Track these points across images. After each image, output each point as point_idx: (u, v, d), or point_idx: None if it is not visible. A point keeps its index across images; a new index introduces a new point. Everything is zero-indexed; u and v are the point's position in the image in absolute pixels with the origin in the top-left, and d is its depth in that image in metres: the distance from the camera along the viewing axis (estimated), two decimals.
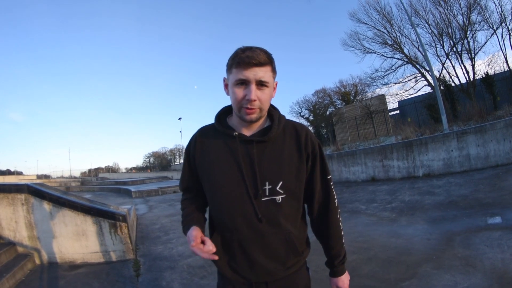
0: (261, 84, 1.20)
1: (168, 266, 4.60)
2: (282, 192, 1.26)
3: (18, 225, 4.76)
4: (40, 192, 4.86)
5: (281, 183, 1.25)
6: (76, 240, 4.85)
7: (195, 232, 1.22)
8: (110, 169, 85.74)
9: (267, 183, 1.25)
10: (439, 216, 5.54)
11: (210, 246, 1.17)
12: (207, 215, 1.43)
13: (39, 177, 57.49)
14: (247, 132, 1.33)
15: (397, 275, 3.49)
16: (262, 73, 1.19)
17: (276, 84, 1.35)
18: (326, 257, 1.45)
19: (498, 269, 3.25)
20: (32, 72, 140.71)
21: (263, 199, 1.24)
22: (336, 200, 1.41)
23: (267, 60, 1.20)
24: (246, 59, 1.16)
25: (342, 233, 1.42)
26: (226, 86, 1.33)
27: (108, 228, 4.91)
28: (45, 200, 4.84)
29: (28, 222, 4.77)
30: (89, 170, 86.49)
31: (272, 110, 1.39)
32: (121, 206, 7.88)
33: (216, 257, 1.22)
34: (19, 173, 71.18)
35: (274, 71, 1.28)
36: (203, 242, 1.19)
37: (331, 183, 1.41)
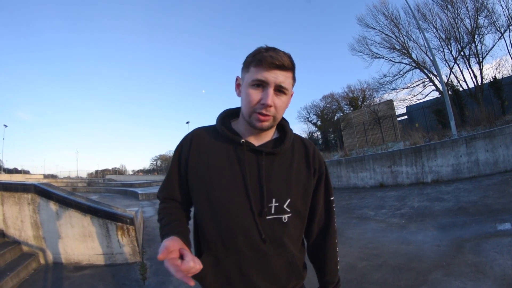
0: (280, 89, 1.08)
1: None
2: (288, 210, 1.14)
3: (24, 225, 4.77)
4: (47, 192, 4.88)
5: (288, 201, 1.14)
6: (82, 241, 4.85)
7: (168, 243, 0.99)
8: (117, 171, 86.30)
9: (274, 200, 1.12)
10: (449, 223, 5.47)
11: (191, 262, 0.94)
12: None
13: (46, 176, 57.90)
14: (255, 141, 1.19)
15: (408, 282, 3.45)
16: (283, 77, 1.07)
17: (292, 95, 1.20)
18: (319, 283, 1.34)
19: (508, 276, 3.21)
20: (42, 72, 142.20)
21: (268, 217, 1.11)
22: (335, 224, 1.31)
23: (290, 65, 1.08)
24: (268, 58, 1.03)
25: (338, 259, 1.32)
26: (238, 86, 1.20)
27: (115, 231, 4.91)
28: (51, 201, 4.85)
29: (34, 221, 4.79)
30: (96, 171, 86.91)
31: (283, 121, 1.27)
32: (128, 208, 7.90)
33: (193, 283, 1.00)
34: (26, 172, 71.54)
35: (294, 79, 1.15)
36: (181, 257, 0.98)
37: (333, 205, 1.32)
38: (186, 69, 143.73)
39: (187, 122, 58.68)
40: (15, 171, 70.75)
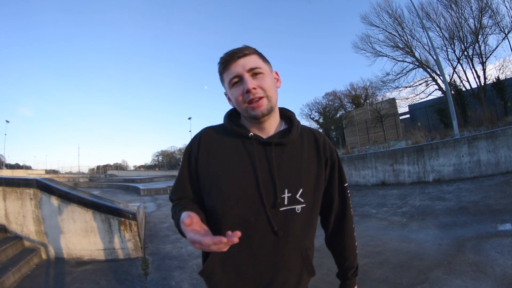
0: (254, 72, 1.11)
1: (177, 265, 4.60)
2: (302, 201, 1.13)
3: (26, 220, 4.79)
4: (49, 187, 4.89)
5: (301, 190, 1.13)
6: (84, 236, 4.87)
7: (189, 214, 0.92)
8: (119, 166, 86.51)
9: (286, 190, 1.11)
10: (450, 222, 5.48)
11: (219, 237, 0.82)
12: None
13: (47, 172, 58.03)
14: (263, 135, 1.19)
15: (409, 279, 3.46)
16: (249, 62, 1.11)
17: (277, 74, 1.27)
18: (339, 269, 1.35)
19: (508, 276, 3.22)
20: (43, 67, 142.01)
21: (281, 209, 1.10)
22: (351, 209, 1.33)
23: (250, 50, 1.14)
24: (228, 57, 1.12)
25: (356, 243, 1.34)
26: (229, 99, 1.24)
27: (117, 226, 4.93)
28: (54, 196, 4.87)
29: (36, 217, 4.81)
30: (98, 167, 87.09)
31: (289, 112, 1.30)
32: (130, 203, 7.93)
33: (225, 247, 0.83)
34: (28, 168, 71.55)
35: (265, 60, 1.19)
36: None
37: (348, 191, 1.32)
38: (189, 64, 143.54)
39: (189, 118, 58.26)
40: (17, 166, 70.82)
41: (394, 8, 24.69)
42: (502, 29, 19.64)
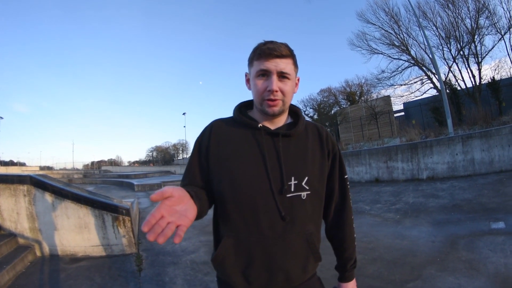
0: (282, 75, 1.18)
1: (171, 261, 4.60)
2: (307, 188, 1.20)
3: (20, 217, 4.76)
4: (42, 183, 4.85)
5: (306, 178, 1.21)
6: (78, 232, 4.84)
7: (168, 187, 0.90)
8: (113, 162, 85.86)
9: (292, 178, 1.19)
10: (443, 219, 5.51)
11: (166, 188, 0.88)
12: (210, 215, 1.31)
13: (42, 168, 57.83)
14: (271, 126, 1.27)
15: (402, 276, 3.48)
16: (284, 64, 1.17)
17: (299, 80, 1.34)
18: (338, 261, 1.39)
19: (501, 274, 3.25)
20: (37, 63, 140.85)
21: (288, 195, 1.17)
22: (351, 201, 1.39)
23: (288, 52, 1.19)
24: (267, 50, 1.15)
25: (355, 235, 1.38)
26: (247, 80, 1.30)
27: (111, 222, 4.91)
28: (47, 192, 4.83)
29: (30, 213, 4.77)
30: (92, 163, 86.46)
31: (296, 107, 1.38)
32: (124, 199, 7.91)
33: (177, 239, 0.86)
34: (22, 164, 71.29)
35: (295, 65, 1.25)
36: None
37: (348, 183, 1.38)
38: (184, 59, 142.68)
39: (184, 113, 58.20)
40: (11, 163, 70.39)
41: (391, 6, 24.69)
42: (499, 30, 19.71)
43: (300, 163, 1.22)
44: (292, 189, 1.18)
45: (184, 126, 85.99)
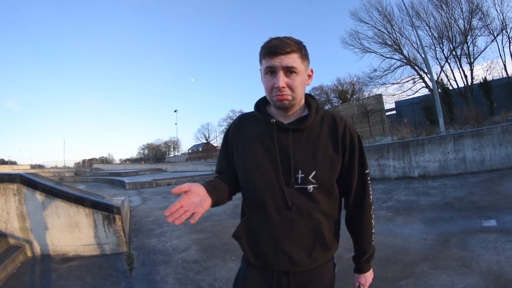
0: (289, 71, 1.21)
1: (162, 260, 4.55)
2: (314, 181, 1.25)
3: (10, 216, 4.66)
4: (33, 182, 4.76)
5: (314, 173, 1.25)
6: (68, 232, 4.77)
7: (188, 184, 1.16)
8: (105, 160, 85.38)
9: (300, 171, 1.25)
10: (435, 217, 5.54)
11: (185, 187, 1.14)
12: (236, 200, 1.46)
13: (33, 167, 57.35)
14: (285, 120, 1.33)
15: (395, 274, 3.47)
16: (289, 60, 1.20)
17: (312, 71, 1.37)
18: (355, 252, 1.44)
19: (494, 271, 3.26)
20: (28, 59, 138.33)
21: (295, 187, 1.25)
22: (371, 196, 1.39)
23: (293, 47, 1.21)
24: (271, 48, 1.20)
25: (373, 231, 1.40)
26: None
27: (102, 220, 4.84)
28: (37, 191, 4.73)
29: (20, 213, 4.68)
30: (83, 161, 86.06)
31: (311, 99, 1.39)
32: (115, 197, 7.82)
33: (191, 220, 1.12)
34: (13, 163, 70.60)
35: (304, 58, 1.27)
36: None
37: (368, 178, 1.38)
38: (175, 56, 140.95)
39: (175, 111, 57.65)
40: (1, 162, 69.88)
41: (384, 5, 24.98)
42: (491, 32, 20.02)
43: (308, 158, 1.26)
44: (299, 182, 1.25)
45: (176, 124, 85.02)
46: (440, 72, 22.86)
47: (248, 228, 1.36)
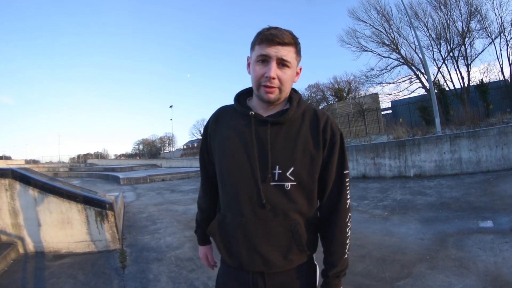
0: (282, 63, 1.16)
1: (155, 257, 4.48)
2: (292, 178, 1.17)
3: (2, 212, 4.54)
4: (25, 177, 4.66)
5: (292, 169, 1.17)
6: (61, 228, 4.68)
7: (202, 253, 1.62)
8: (99, 155, 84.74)
9: (277, 167, 1.17)
10: (431, 217, 5.52)
11: (212, 262, 1.61)
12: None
13: (27, 162, 56.96)
14: (264, 113, 1.26)
15: (392, 274, 3.44)
16: (285, 52, 1.15)
17: (301, 70, 1.30)
18: (323, 264, 1.27)
19: (491, 272, 3.24)
20: (24, 54, 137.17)
21: (271, 184, 1.17)
22: (348, 201, 1.26)
23: (291, 40, 1.16)
24: (269, 36, 1.14)
25: (348, 241, 1.25)
26: (248, 65, 1.28)
27: (94, 216, 4.76)
28: (30, 186, 4.63)
29: (12, 209, 4.57)
30: (78, 156, 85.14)
31: (293, 93, 1.31)
32: (109, 193, 7.74)
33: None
34: (8, 158, 69.88)
35: (298, 54, 1.22)
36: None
37: (347, 180, 1.25)
38: (171, 51, 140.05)
39: (171, 106, 57.60)
40: None
41: (382, 5, 24.98)
42: (489, 34, 20.12)
43: (287, 152, 1.18)
44: (276, 178, 1.17)
45: (171, 119, 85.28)
46: (437, 72, 22.93)
47: (222, 225, 1.29)
